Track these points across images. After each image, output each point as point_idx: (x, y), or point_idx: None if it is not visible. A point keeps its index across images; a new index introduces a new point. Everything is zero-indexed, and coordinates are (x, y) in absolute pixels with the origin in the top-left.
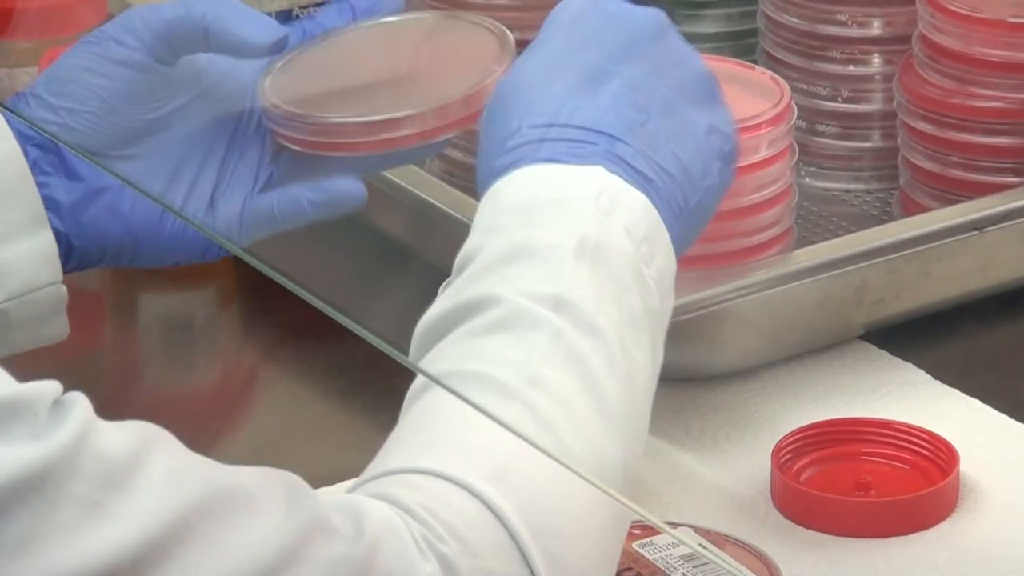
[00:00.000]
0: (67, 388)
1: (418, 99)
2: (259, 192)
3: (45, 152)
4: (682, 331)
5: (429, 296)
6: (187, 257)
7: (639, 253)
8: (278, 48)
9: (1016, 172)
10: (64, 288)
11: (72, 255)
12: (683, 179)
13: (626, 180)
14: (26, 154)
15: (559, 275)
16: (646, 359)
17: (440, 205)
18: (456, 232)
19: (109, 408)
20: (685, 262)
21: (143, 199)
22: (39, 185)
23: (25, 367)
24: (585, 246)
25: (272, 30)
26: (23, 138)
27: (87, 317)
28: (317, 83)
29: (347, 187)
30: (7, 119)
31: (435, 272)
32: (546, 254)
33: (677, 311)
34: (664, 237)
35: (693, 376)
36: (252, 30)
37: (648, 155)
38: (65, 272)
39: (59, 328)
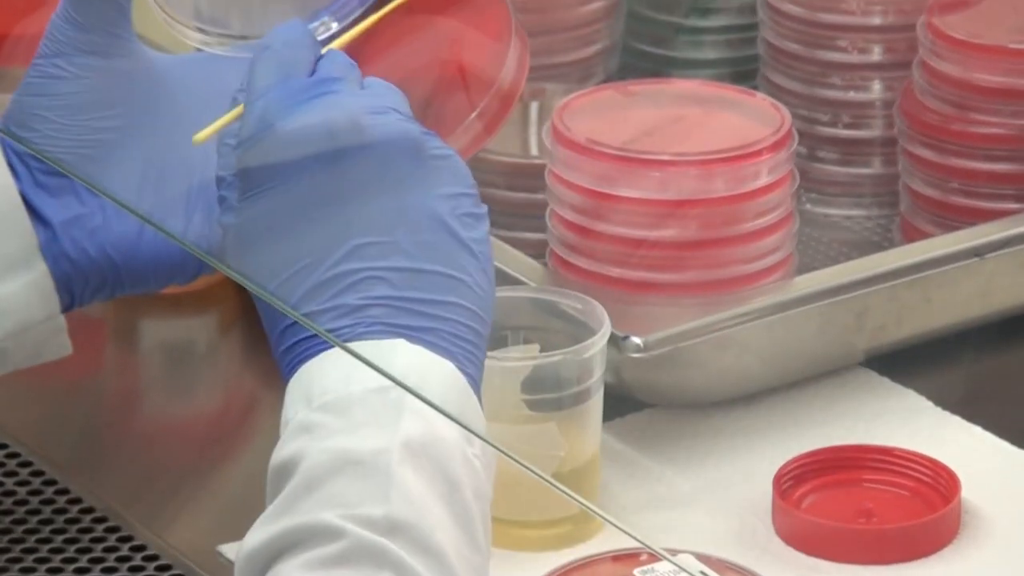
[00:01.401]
0: (68, 413)
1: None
2: None
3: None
4: (683, 357)
5: None
6: (177, 275)
7: (461, 434)
8: None
9: (1016, 198)
10: (62, 319)
11: (59, 290)
12: (463, 300)
13: (427, 346)
14: None
15: (388, 491)
16: (481, 556)
17: None
18: None
19: (110, 434)
20: (686, 288)
21: (115, 217)
22: None
23: (27, 391)
24: (410, 447)
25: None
26: None
27: (88, 342)
28: None
29: None
30: None
31: None
32: (371, 464)
33: (679, 337)
34: (473, 402)
35: (694, 402)
36: None
37: (421, 299)
38: (61, 311)
39: (61, 349)
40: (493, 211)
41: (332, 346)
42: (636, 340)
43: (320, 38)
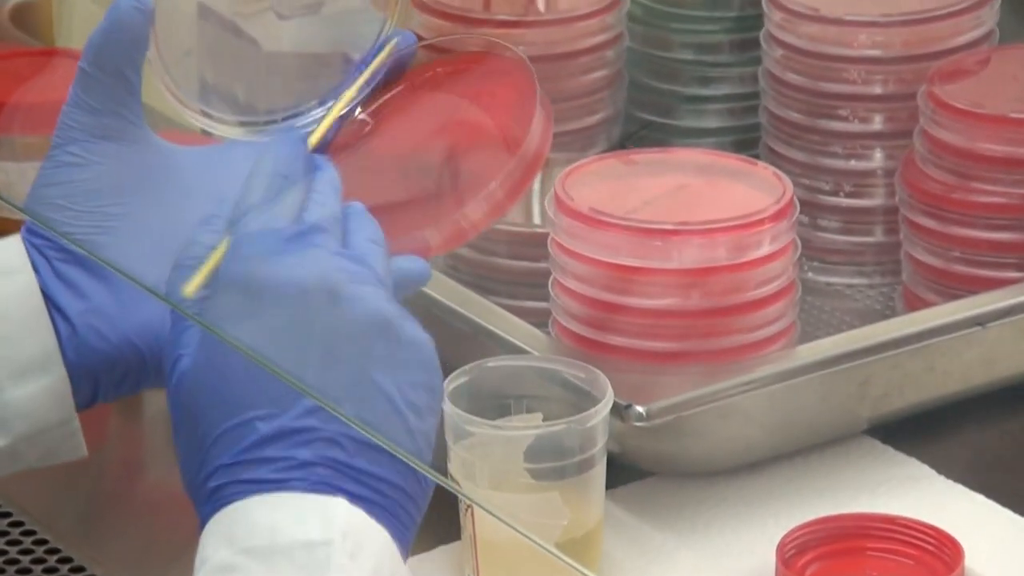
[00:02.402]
0: (70, 482)
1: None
2: None
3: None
4: (686, 426)
5: None
6: None
7: None
8: None
9: (1018, 267)
10: (77, 423)
11: (81, 384)
12: (406, 477)
13: (367, 511)
14: None
15: None
16: None
17: (445, 301)
18: (461, 328)
19: (114, 502)
20: (689, 357)
21: (136, 305)
22: None
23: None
24: None
25: None
26: None
27: (92, 412)
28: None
29: (411, 266)
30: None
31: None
32: None
33: (682, 406)
34: (403, 571)
35: (697, 471)
36: None
37: (368, 472)
38: (82, 409)
39: (76, 451)
40: (496, 280)
41: (261, 492)
42: (639, 409)
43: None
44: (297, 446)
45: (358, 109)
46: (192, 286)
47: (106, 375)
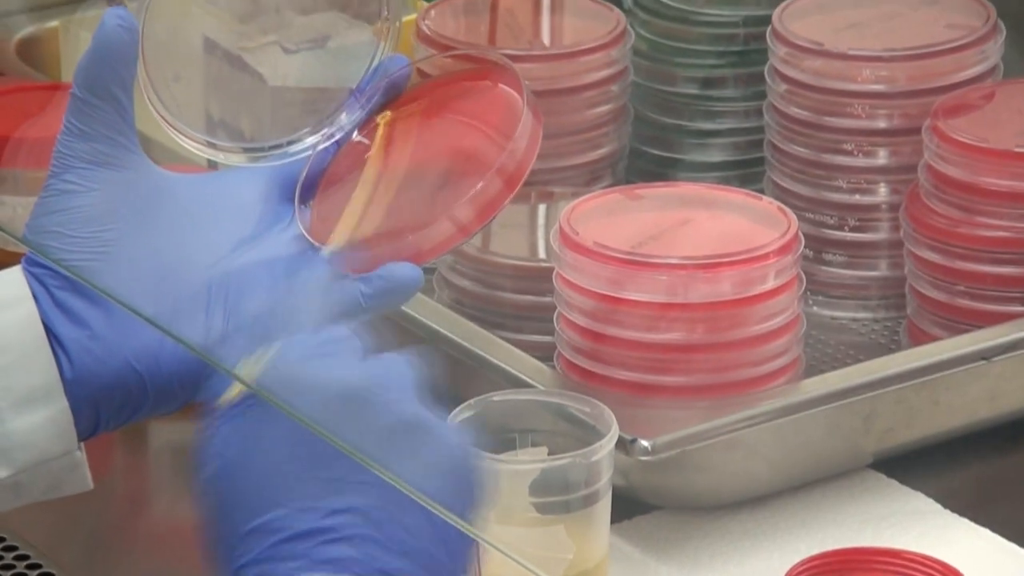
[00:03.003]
0: (75, 515)
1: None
2: None
3: None
4: (691, 460)
5: None
6: (203, 389)
7: None
8: None
9: (1023, 301)
10: (80, 453)
11: (82, 412)
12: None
13: None
14: None
15: None
16: None
17: (450, 335)
18: (466, 362)
19: (119, 536)
20: (694, 391)
21: (135, 330)
22: None
23: None
24: None
25: None
26: None
27: (96, 444)
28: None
29: (402, 272)
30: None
31: (444, 403)
32: None
33: (686, 440)
34: None
35: (702, 505)
36: None
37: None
38: (84, 438)
39: (81, 484)
40: (501, 314)
41: None
42: (644, 443)
43: (325, 145)
44: (324, 544)
45: (355, 133)
46: (233, 392)
47: (107, 402)
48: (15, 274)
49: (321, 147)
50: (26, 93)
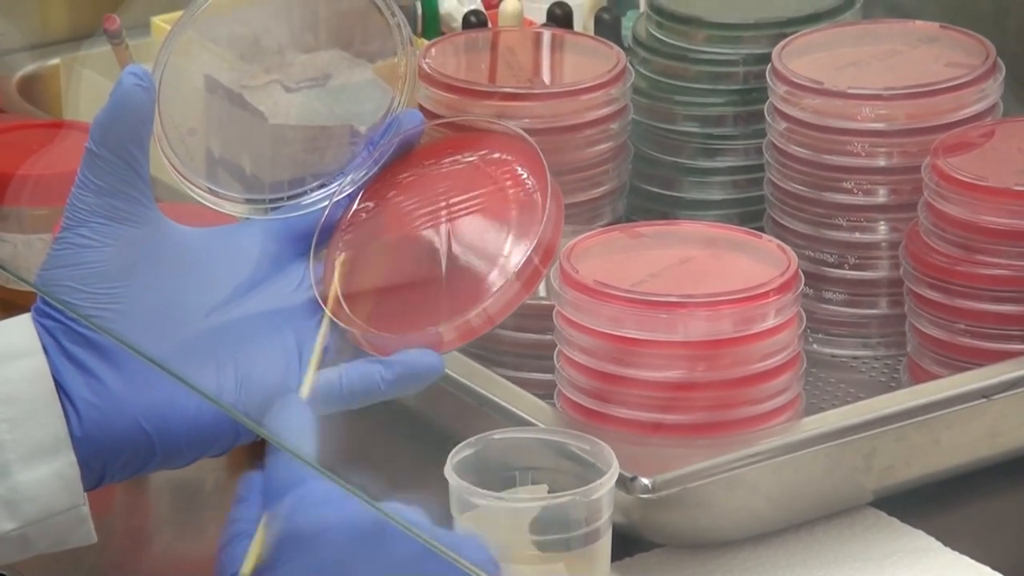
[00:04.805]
0: (76, 554)
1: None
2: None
3: None
4: (692, 498)
5: (437, 463)
6: (211, 445)
7: None
8: None
9: (1023, 339)
10: (86, 508)
11: (89, 466)
12: None
13: None
14: None
15: None
16: None
17: (451, 373)
18: (467, 400)
19: (119, 573)
20: (694, 429)
21: (145, 387)
22: None
23: None
24: None
25: None
26: None
27: None
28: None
29: (424, 360)
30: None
31: (445, 440)
32: None
33: (687, 478)
34: None
35: (703, 542)
36: None
37: None
38: (89, 489)
39: (86, 537)
40: (501, 351)
41: None
42: (644, 481)
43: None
44: None
45: (368, 193)
46: (249, 565)
47: (113, 457)
48: (25, 325)
49: (335, 200)
50: (28, 131)
